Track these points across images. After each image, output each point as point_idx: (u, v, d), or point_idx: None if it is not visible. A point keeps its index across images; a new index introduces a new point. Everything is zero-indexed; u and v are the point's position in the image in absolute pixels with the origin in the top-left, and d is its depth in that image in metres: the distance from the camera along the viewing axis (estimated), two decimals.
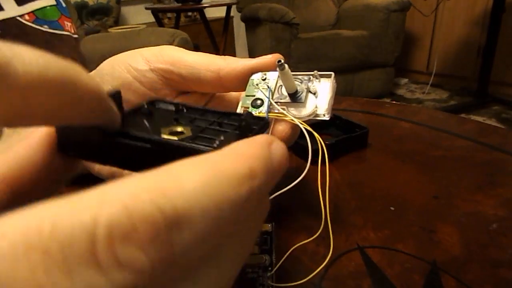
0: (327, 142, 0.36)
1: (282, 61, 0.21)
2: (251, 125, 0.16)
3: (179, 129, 0.15)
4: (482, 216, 0.27)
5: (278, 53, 0.23)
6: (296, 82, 0.22)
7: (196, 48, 2.12)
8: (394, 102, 0.53)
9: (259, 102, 0.22)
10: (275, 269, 0.20)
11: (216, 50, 2.72)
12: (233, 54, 3.57)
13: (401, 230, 0.26)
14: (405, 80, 2.85)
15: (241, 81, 0.23)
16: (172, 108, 0.17)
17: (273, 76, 0.23)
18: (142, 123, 0.15)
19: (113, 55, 0.25)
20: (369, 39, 2.15)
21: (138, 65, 0.24)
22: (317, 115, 0.21)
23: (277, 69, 0.21)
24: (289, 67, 0.21)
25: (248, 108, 0.22)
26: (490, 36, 2.14)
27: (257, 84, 0.23)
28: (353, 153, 0.38)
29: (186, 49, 0.24)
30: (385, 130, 0.44)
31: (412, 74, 2.89)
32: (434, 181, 0.32)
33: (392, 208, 0.28)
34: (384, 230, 0.26)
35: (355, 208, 0.29)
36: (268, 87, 0.22)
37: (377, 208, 0.29)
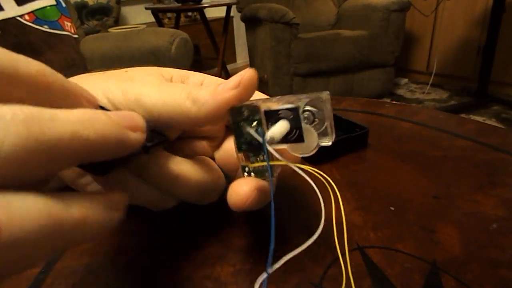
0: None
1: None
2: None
3: None
4: (482, 216, 0.27)
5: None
6: (285, 121, 0.19)
7: (196, 48, 2.12)
8: (394, 102, 0.53)
9: (255, 143, 0.19)
10: None
11: (216, 50, 2.72)
12: (233, 54, 3.57)
13: (401, 230, 0.26)
14: (405, 80, 2.85)
15: (219, 118, 0.20)
16: None
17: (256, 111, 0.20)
18: None
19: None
20: (369, 39, 2.15)
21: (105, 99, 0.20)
22: (321, 145, 0.19)
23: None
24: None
25: (247, 153, 0.20)
26: (490, 36, 2.14)
27: (242, 123, 0.20)
28: (353, 153, 0.38)
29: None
30: (385, 130, 0.44)
31: (412, 74, 2.89)
32: (434, 181, 0.32)
33: (392, 208, 0.28)
34: (384, 230, 0.26)
35: (355, 208, 0.29)
36: (258, 128, 0.19)
37: (377, 208, 0.29)
